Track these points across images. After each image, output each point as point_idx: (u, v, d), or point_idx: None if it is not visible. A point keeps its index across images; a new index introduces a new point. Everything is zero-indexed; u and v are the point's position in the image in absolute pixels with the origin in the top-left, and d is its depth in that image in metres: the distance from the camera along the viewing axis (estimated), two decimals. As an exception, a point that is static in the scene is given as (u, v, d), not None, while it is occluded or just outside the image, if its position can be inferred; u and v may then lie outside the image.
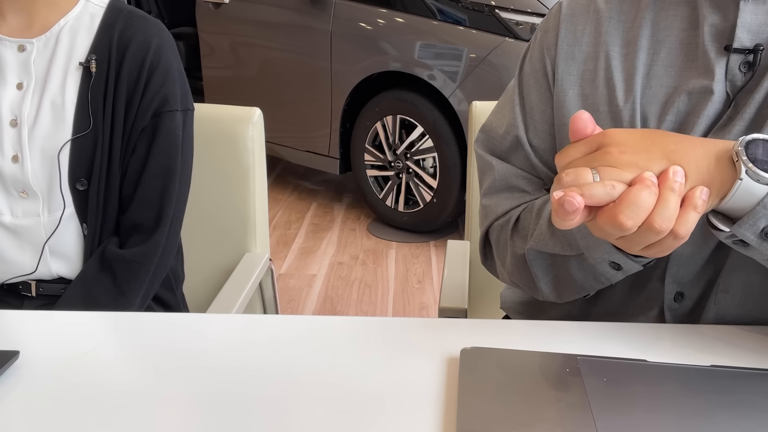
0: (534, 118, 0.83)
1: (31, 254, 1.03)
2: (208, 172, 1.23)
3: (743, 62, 0.70)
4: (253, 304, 1.30)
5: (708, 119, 0.71)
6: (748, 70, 0.69)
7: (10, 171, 1.00)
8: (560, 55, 0.80)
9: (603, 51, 0.78)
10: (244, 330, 0.68)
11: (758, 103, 0.68)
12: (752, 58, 0.69)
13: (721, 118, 0.70)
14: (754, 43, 0.69)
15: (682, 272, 0.74)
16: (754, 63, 0.69)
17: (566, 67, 0.79)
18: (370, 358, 0.62)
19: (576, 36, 0.80)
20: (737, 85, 0.70)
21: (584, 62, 0.79)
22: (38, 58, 1.01)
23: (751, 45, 0.69)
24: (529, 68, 0.84)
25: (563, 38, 0.80)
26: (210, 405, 0.57)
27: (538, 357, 0.60)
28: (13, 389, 0.59)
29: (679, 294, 0.75)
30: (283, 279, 2.74)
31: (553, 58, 0.80)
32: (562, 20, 0.81)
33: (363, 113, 3.09)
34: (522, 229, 0.79)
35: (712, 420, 0.52)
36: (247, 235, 1.27)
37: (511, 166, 0.84)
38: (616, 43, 0.77)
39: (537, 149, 0.82)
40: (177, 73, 1.05)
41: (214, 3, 3.39)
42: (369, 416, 0.55)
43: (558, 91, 0.79)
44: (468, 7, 2.65)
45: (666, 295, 0.75)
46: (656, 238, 0.56)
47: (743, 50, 0.69)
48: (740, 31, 0.69)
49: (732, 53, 0.70)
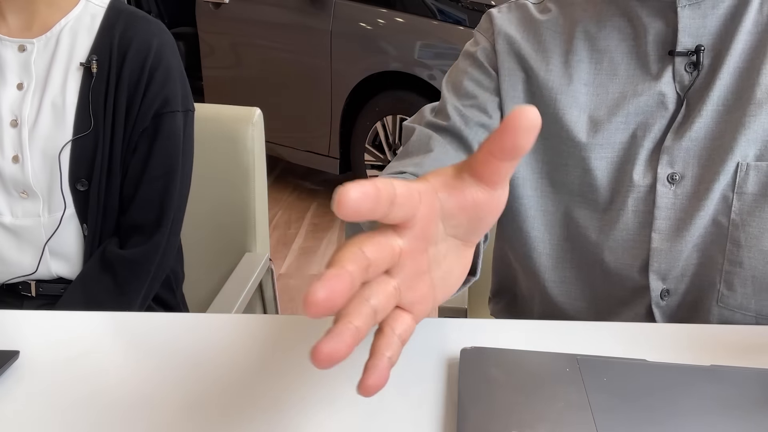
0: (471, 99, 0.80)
1: (31, 255, 1.03)
2: (208, 172, 1.23)
3: (688, 63, 0.74)
4: (253, 304, 1.30)
5: (663, 119, 0.74)
6: (693, 70, 0.74)
7: (10, 171, 1.00)
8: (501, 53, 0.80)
9: (542, 56, 0.79)
10: (244, 330, 0.68)
11: (715, 101, 0.72)
12: (695, 58, 0.73)
13: (677, 116, 0.74)
14: (695, 44, 0.73)
15: (663, 267, 0.75)
16: (698, 63, 0.73)
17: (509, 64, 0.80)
18: (370, 358, 0.62)
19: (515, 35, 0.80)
20: (685, 85, 0.74)
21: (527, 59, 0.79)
22: (38, 59, 1.01)
23: (693, 47, 0.73)
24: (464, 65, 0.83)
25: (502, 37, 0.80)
26: (210, 405, 0.57)
27: (538, 357, 0.60)
28: (13, 389, 0.59)
29: (666, 291, 0.76)
30: (283, 279, 2.74)
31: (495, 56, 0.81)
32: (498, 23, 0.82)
33: (363, 113, 3.09)
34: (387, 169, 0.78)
35: (712, 420, 0.52)
36: (247, 235, 1.27)
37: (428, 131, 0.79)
38: (555, 51, 0.79)
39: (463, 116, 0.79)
40: (178, 73, 1.05)
41: (214, 3, 3.39)
42: (369, 416, 0.55)
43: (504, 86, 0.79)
44: (468, 7, 2.65)
45: (652, 292, 0.76)
46: None
47: (686, 52, 0.73)
48: (682, 35, 0.73)
49: (676, 56, 0.74)
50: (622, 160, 0.76)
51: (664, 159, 0.74)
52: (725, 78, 0.72)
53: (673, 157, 0.74)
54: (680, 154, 0.73)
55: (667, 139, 0.74)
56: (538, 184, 0.80)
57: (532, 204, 0.80)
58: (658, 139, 0.75)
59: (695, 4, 0.73)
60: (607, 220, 0.77)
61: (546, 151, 0.79)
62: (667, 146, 0.74)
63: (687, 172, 0.74)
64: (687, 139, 0.73)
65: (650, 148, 0.75)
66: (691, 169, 0.73)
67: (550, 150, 0.79)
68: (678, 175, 0.74)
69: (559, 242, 0.81)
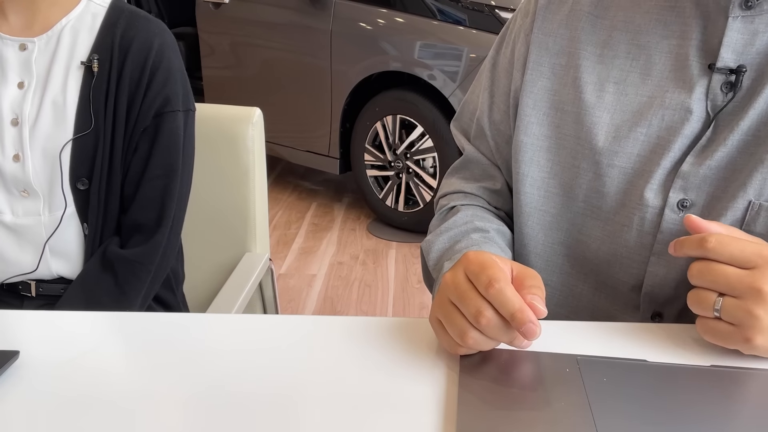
0: (500, 99, 0.83)
1: (31, 254, 1.03)
2: (209, 172, 1.23)
3: (725, 83, 0.68)
4: (253, 304, 1.30)
5: (686, 139, 0.69)
6: (729, 90, 0.68)
7: (11, 170, 1.00)
8: (534, 43, 0.78)
9: (576, 48, 0.76)
10: (244, 330, 0.68)
11: (745, 131, 0.67)
12: (734, 79, 0.67)
13: (701, 138, 0.69)
14: (738, 63, 0.67)
15: (656, 291, 0.73)
16: (735, 84, 0.67)
17: (538, 57, 0.78)
18: (370, 358, 0.62)
19: (552, 26, 0.78)
20: (717, 105, 0.68)
21: (557, 55, 0.77)
22: (39, 58, 1.01)
23: (734, 65, 0.67)
24: (506, 51, 0.84)
25: (538, 27, 0.78)
26: (210, 405, 0.57)
27: (538, 357, 0.60)
28: (13, 389, 0.59)
29: (657, 314, 0.74)
30: (283, 279, 2.74)
31: (528, 44, 0.79)
32: (539, 8, 0.79)
33: (363, 113, 3.09)
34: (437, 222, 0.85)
35: (712, 420, 0.52)
36: (247, 235, 1.27)
37: (475, 150, 0.88)
38: (590, 41, 0.75)
39: (499, 132, 0.84)
40: (179, 73, 1.05)
41: (214, 3, 3.39)
42: (369, 416, 0.55)
43: (527, 79, 0.78)
44: (468, 7, 2.65)
45: (642, 314, 0.74)
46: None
47: (725, 70, 0.67)
48: (725, 50, 0.67)
49: (715, 72, 0.68)
50: (636, 174, 0.72)
51: (678, 183, 0.69)
52: (761, 106, 0.66)
53: (688, 183, 0.69)
54: (696, 181, 0.69)
55: (686, 162, 0.69)
56: (544, 183, 0.78)
57: (531, 201, 0.79)
58: (677, 160, 0.70)
59: (749, 17, 0.66)
60: (608, 231, 0.74)
61: (560, 151, 0.77)
62: (684, 170, 0.69)
63: (698, 200, 0.69)
64: (706, 166, 0.68)
65: (667, 168, 0.70)
66: (704, 198, 0.69)
67: (564, 150, 0.76)
68: (689, 202, 0.69)
69: (553, 245, 0.79)
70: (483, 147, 0.87)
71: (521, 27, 0.81)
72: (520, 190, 0.80)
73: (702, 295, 0.58)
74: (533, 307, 0.55)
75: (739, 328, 0.56)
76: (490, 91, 0.85)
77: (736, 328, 0.57)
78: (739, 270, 0.56)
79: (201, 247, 1.27)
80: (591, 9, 0.76)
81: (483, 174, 0.87)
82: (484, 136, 0.86)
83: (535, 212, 0.79)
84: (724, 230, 0.60)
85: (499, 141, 0.85)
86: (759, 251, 0.56)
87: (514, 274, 0.60)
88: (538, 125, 0.78)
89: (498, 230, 0.81)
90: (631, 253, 0.73)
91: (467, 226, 0.79)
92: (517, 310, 0.54)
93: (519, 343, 0.58)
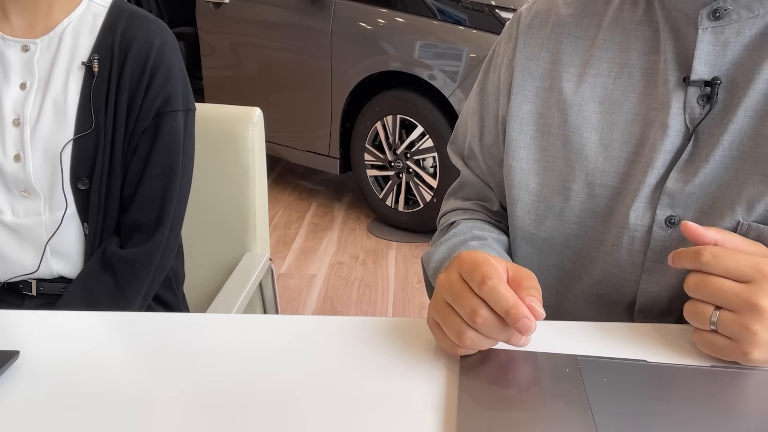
0: (490, 123, 0.84)
1: (32, 253, 1.03)
2: (209, 172, 1.23)
3: (701, 95, 0.67)
4: (253, 304, 1.30)
5: (668, 154, 0.69)
6: (706, 103, 0.67)
7: (12, 170, 1.00)
8: (517, 68, 0.78)
9: (558, 71, 0.76)
10: (244, 330, 0.68)
11: (727, 145, 0.66)
12: (709, 92, 0.67)
13: (682, 153, 0.68)
14: (712, 75, 0.67)
15: (649, 308, 0.73)
16: (711, 96, 0.67)
17: (521, 82, 0.78)
18: (370, 358, 0.62)
19: (533, 50, 0.78)
20: (695, 119, 0.68)
21: (540, 78, 0.77)
22: (41, 58, 1.01)
23: (708, 77, 0.67)
24: (493, 76, 0.83)
25: (520, 51, 0.79)
26: (210, 405, 0.57)
27: (538, 357, 0.60)
28: (13, 389, 0.59)
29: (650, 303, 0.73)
30: (283, 279, 2.74)
31: (512, 69, 0.79)
32: (521, 33, 0.79)
33: (363, 113, 3.09)
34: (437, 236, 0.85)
35: (712, 420, 0.52)
36: (247, 235, 1.27)
37: (470, 172, 0.89)
38: (572, 63, 0.75)
39: (491, 155, 0.85)
40: (179, 73, 1.05)
41: (214, 3, 3.39)
42: (369, 416, 0.55)
43: (513, 104, 0.78)
44: (468, 6, 2.65)
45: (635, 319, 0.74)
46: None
47: (700, 82, 0.67)
48: (697, 62, 0.67)
49: (690, 85, 0.68)
50: (624, 192, 0.71)
51: (664, 200, 0.69)
52: (741, 120, 0.65)
53: (674, 200, 0.69)
54: (682, 198, 0.68)
55: (670, 178, 0.68)
56: (534, 207, 0.77)
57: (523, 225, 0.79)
58: (661, 176, 0.69)
59: (718, 27, 0.66)
60: (601, 252, 0.74)
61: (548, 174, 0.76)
62: (669, 187, 0.69)
63: (687, 217, 0.68)
64: (692, 183, 0.67)
65: (652, 185, 0.70)
66: (692, 215, 0.68)
67: (553, 172, 0.76)
68: (677, 218, 0.69)
69: (548, 267, 0.79)
70: (477, 169, 0.88)
71: (505, 52, 0.81)
72: (513, 213, 0.79)
73: (699, 307, 0.58)
74: (532, 309, 0.55)
75: (737, 343, 0.56)
76: (480, 115, 0.85)
77: (733, 342, 0.56)
78: (735, 284, 0.56)
79: (201, 247, 1.27)
80: (571, 30, 0.76)
81: (479, 195, 0.88)
82: (475, 159, 0.87)
83: (528, 236, 0.79)
84: (721, 237, 0.59)
85: (491, 164, 0.85)
86: (755, 264, 0.56)
87: (510, 275, 0.60)
88: (525, 149, 0.78)
89: (497, 239, 0.81)
90: (622, 272, 0.73)
91: (465, 236, 0.79)
92: (511, 306, 0.54)
93: (516, 341, 0.58)
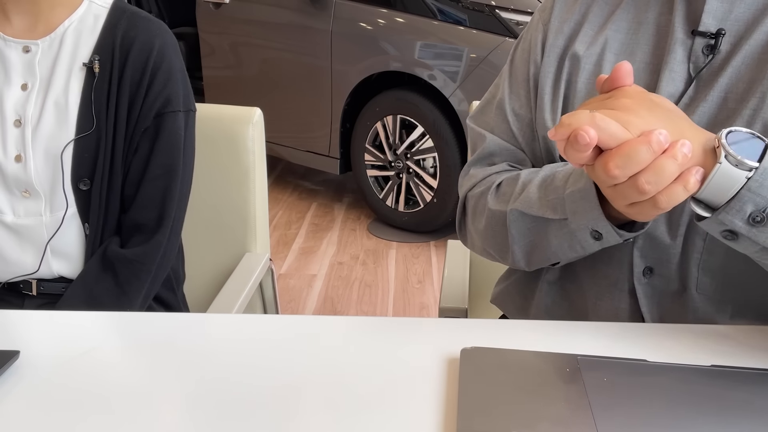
0: (519, 89, 0.86)
1: (32, 254, 1.03)
2: (209, 172, 1.23)
3: (705, 45, 0.73)
4: (253, 304, 1.30)
5: (672, 97, 0.74)
6: (710, 53, 0.73)
7: (13, 170, 1.00)
8: (551, 30, 0.84)
9: (582, 26, 0.82)
10: (244, 330, 0.68)
11: (723, 87, 0.72)
12: (714, 42, 0.73)
13: (683, 96, 0.74)
14: (718, 27, 0.73)
15: (646, 247, 0.75)
16: (715, 46, 0.73)
17: (554, 41, 0.83)
18: (370, 358, 0.62)
19: (567, 14, 0.84)
20: (698, 66, 0.74)
21: (569, 37, 0.83)
22: (43, 59, 1.01)
23: (714, 30, 0.73)
24: (523, 44, 0.88)
25: (556, 15, 0.84)
26: (210, 405, 0.57)
27: (538, 357, 0.60)
28: (13, 389, 0.59)
29: (648, 269, 0.76)
30: (283, 279, 2.74)
31: (546, 32, 0.84)
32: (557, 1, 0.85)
33: (363, 113, 3.09)
34: (503, 194, 0.81)
35: (712, 420, 0.52)
36: (247, 235, 1.27)
37: (498, 138, 0.88)
38: (595, 21, 0.82)
39: (519, 117, 0.86)
40: (180, 73, 1.05)
41: (215, 3, 3.39)
42: (369, 416, 0.55)
43: (545, 62, 0.83)
44: (468, 7, 2.65)
45: (635, 268, 0.76)
46: (638, 198, 0.57)
47: (707, 34, 0.73)
48: (706, 16, 0.73)
49: (696, 36, 0.74)
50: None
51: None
52: (738, 65, 0.72)
53: None
54: None
55: None
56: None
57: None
58: None
59: None
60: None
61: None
62: None
63: None
64: None
65: None
66: None
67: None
68: None
69: None
70: (503, 132, 0.88)
71: (539, 20, 0.86)
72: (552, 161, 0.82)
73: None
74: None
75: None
76: (510, 76, 0.89)
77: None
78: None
79: (201, 247, 1.27)
80: None
81: (511, 157, 0.88)
82: (506, 122, 0.88)
83: None
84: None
85: (521, 126, 0.87)
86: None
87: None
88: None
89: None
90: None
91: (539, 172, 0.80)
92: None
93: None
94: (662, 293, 0.76)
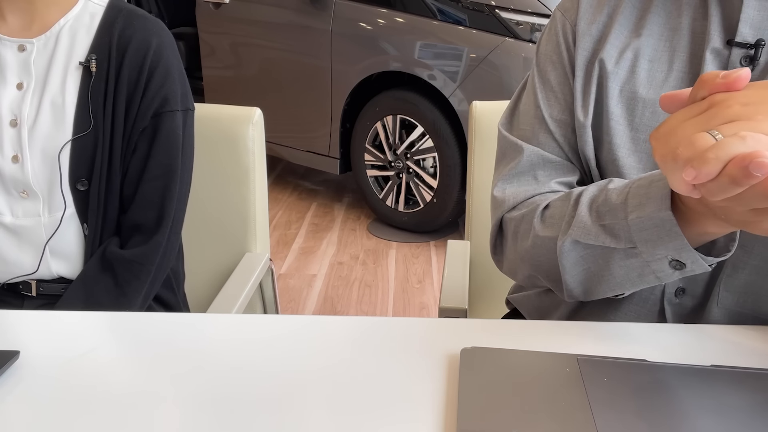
0: (555, 94, 0.82)
1: (31, 254, 1.03)
2: (209, 172, 1.23)
3: (744, 56, 0.70)
4: (253, 304, 1.30)
5: None
6: (749, 64, 0.70)
7: (10, 171, 1.00)
8: (579, 33, 0.80)
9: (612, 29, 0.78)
10: (244, 330, 0.68)
11: None
12: (753, 53, 0.69)
13: None
14: (756, 38, 0.69)
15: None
16: (755, 57, 0.69)
17: (582, 43, 0.80)
18: (370, 358, 0.62)
19: (594, 15, 0.80)
20: None
21: (597, 41, 0.79)
22: (38, 58, 1.01)
23: (753, 40, 0.70)
24: (546, 48, 0.84)
25: (582, 16, 0.81)
26: (210, 405, 0.57)
27: (538, 357, 0.60)
28: (13, 389, 0.59)
29: (681, 289, 0.75)
30: (283, 279, 2.74)
31: (573, 34, 0.81)
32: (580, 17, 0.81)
33: (363, 113, 3.09)
34: (551, 217, 0.74)
35: (712, 420, 0.52)
36: (247, 235, 1.27)
37: (539, 149, 0.81)
38: (626, 25, 0.78)
39: (560, 124, 0.81)
40: (177, 72, 1.05)
41: (214, 3, 3.39)
42: (369, 416, 0.55)
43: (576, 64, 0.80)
44: (468, 7, 2.65)
45: (667, 288, 0.75)
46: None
47: (745, 45, 0.70)
48: (743, 25, 0.70)
49: (734, 47, 0.70)
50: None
51: None
52: None
53: None
54: None
55: None
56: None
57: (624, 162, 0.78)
58: None
59: None
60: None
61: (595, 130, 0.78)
62: None
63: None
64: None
65: None
66: None
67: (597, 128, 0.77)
68: None
69: None
70: (549, 145, 0.82)
71: (564, 20, 0.82)
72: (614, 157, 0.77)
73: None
74: None
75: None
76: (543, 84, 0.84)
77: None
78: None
79: (201, 247, 1.27)
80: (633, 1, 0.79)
81: (558, 172, 0.82)
82: (548, 132, 0.82)
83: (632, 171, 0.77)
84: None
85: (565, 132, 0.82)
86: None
87: None
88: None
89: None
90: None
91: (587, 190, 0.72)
92: None
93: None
94: (687, 309, 0.76)
